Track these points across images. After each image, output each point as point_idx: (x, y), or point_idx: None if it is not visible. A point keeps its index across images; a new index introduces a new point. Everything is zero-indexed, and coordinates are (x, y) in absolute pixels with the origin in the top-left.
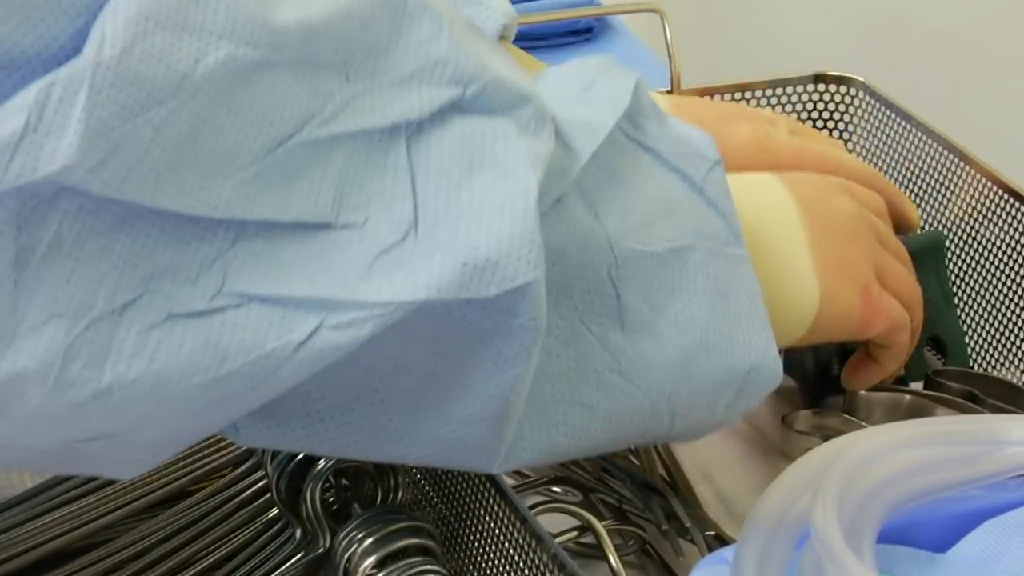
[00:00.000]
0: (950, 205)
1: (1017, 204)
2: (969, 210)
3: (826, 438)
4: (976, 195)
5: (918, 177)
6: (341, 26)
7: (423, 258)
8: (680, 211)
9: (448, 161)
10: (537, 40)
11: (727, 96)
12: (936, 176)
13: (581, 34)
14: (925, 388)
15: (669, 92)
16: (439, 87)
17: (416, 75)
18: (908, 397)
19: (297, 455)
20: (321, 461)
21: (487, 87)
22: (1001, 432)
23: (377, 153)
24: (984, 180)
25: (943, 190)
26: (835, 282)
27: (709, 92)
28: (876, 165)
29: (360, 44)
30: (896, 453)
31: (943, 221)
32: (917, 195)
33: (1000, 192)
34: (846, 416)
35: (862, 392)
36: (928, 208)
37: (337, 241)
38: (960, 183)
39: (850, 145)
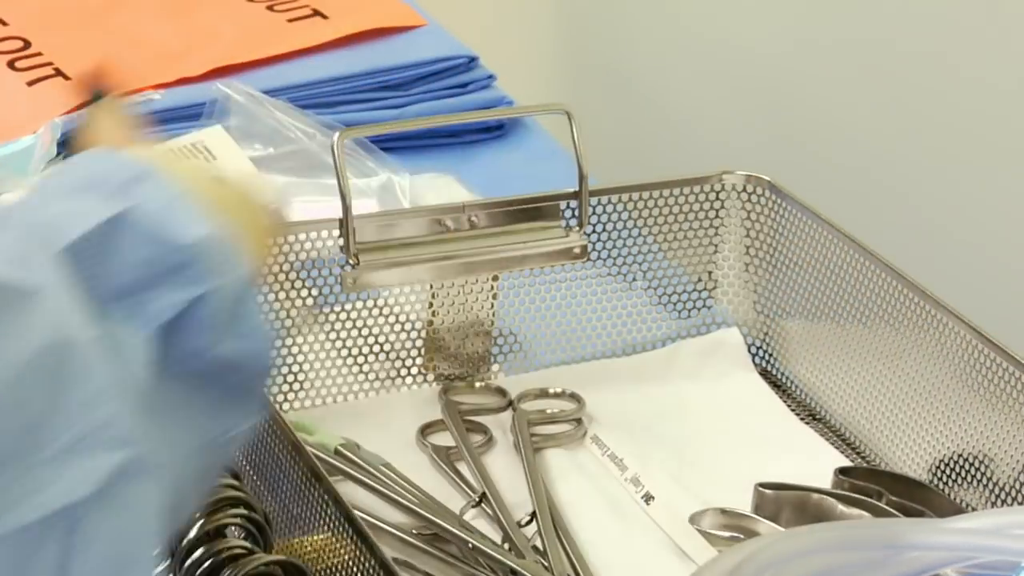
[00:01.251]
0: (853, 301)
1: (916, 299)
2: (871, 305)
3: (733, 539)
4: (877, 290)
5: (821, 274)
6: None
7: None
8: None
9: (98, 565)
10: (449, 137)
11: (635, 195)
12: (839, 272)
13: (493, 131)
14: (832, 486)
15: (577, 192)
16: (101, 454)
17: (78, 443)
18: (815, 496)
19: None
20: None
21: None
22: (903, 536)
23: (22, 554)
24: (885, 276)
25: (846, 286)
26: None
27: (616, 191)
28: (782, 262)
29: (12, 428)
30: (803, 558)
31: (846, 316)
32: (821, 291)
33: (900, 287)
34: (754, 516)
35: (769, 491)
36: (831, 303)
37: None
38: (863, 279)
39: (757, 243)
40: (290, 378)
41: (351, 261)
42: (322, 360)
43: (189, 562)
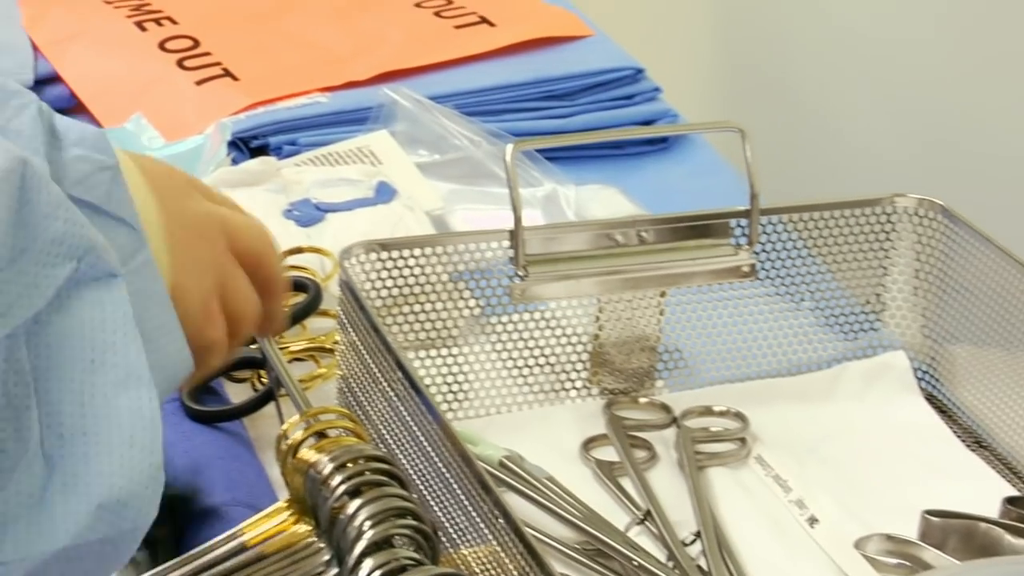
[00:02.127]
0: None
1: None
2: None
3: (899, 566)
4: None
5: (992, 299)
6: None
7: (58, 500)
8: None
9: (71, 364)
10: (614, 149)
11: (805, 215)
12: (1011, 299)
13: (657, 144)
14: (1000, 515)
15: (748, 211)
16: (61, 264)
17: (42, 254)
18: (983, 525)
19: None
20: None
21: (98, 258)
22: None
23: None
24: None
25: (1017, 313)
26: (184, 273)
27: (787, 211)
28: (952, 286)
29: None
30: None
31: (1016, 343)
32: (991, 317)
33: None
34: (920, 543)
35: (936, 519)
36: (1001, 329)
37: None
38: None
39: (927, 266)
40: (455, 388)
41: (520, 273)
42: (487, 371)
43: (359, 573)
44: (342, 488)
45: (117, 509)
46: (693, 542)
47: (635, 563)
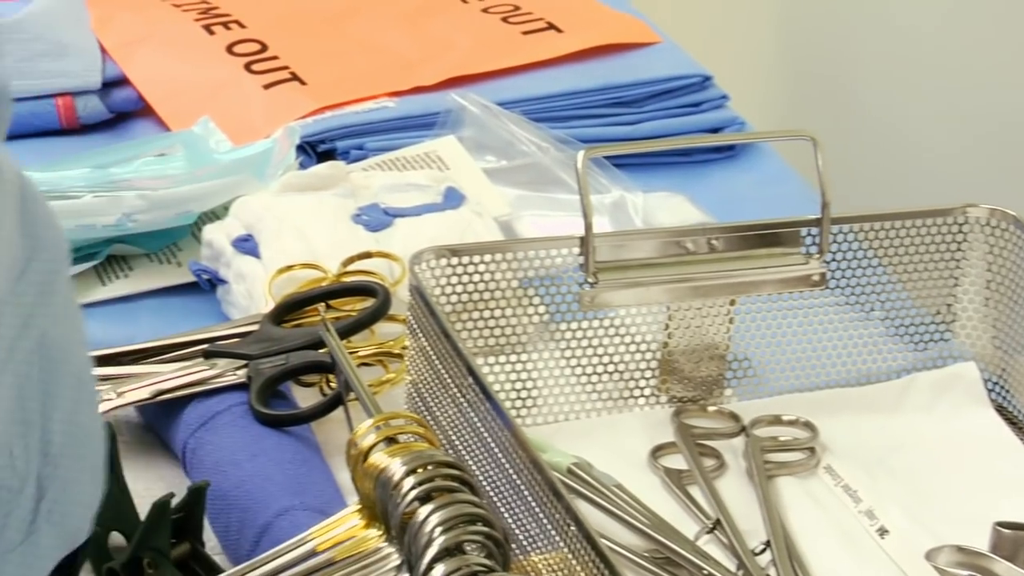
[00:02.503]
0: None
1: None
2: None
3: None
4: None
5: None
6: None
7: (44, 529)
8: None
9: (64, 378)
10: (680, 156)
11: (876, 225)
12: None
13: (724, 151)
14: None
15: (819, 220)
16: (59, 271)
17: (40, 264)
18: None
19: None
20: None
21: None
22: None
23: None
24: None
25: None
26: None
27: (857, 220)
28: (1021, 301)
29: None
30: None
31: None
32: None
33: None
34: (992, 555)
35: (1007, 531)
36: None
37: None
38: None
39: (999, 277)
40: (524, 394)
41: (590, 280)
42: (556, 378)
43: None
44: (413, 493)
45: (73, 543)
46: (763, 551)
47: (705, 572)
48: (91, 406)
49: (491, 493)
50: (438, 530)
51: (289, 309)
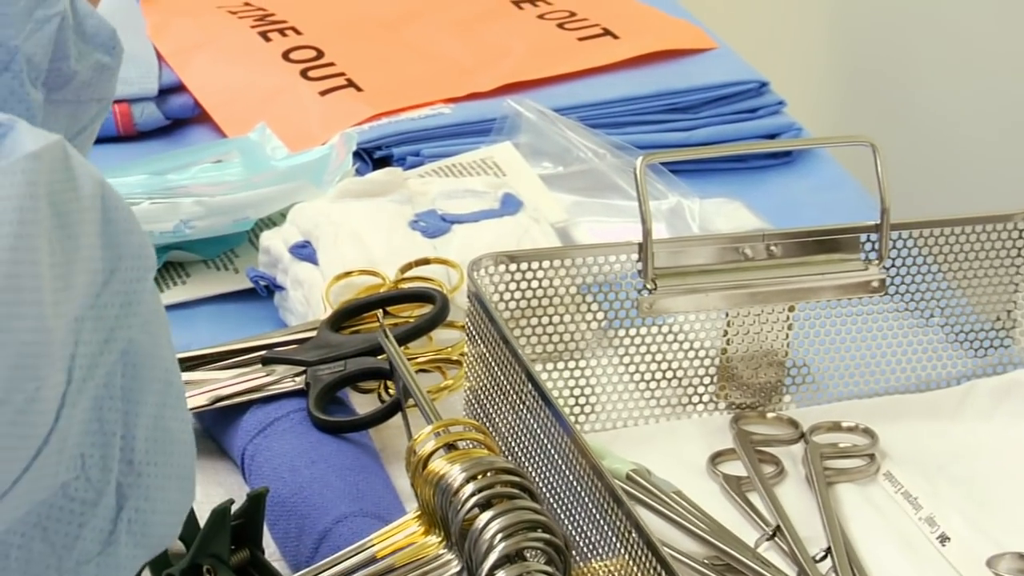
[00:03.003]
0: None
1: None
2: None
3: None
4: None
5: None
6: None
7: (124, 540)
8: None
9: (150, 385)
10: (737, 162)
11: (935, 231)
12: None
13: (780, 157)
14: None
15: (878, 225)
16: (142, 280)
17: (122, 274)
18: None
19: None
20: None
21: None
22: None
23: None
24: None
25: None
26: None
27: (917, 226)
28: None
29: None
30: None
31: None
32: None
33: None
34: None
35: None
36: None
37: None
38: None
39: None
40: (582, 400)
41: (648, 286)
42: (614, 384)
43: None
44: (473, 500)
45: (156, 551)
46: (823, 558)
47: None
48: (178, 411)
49: (551, 500)
50: (499, 536)
51: (347, 315)
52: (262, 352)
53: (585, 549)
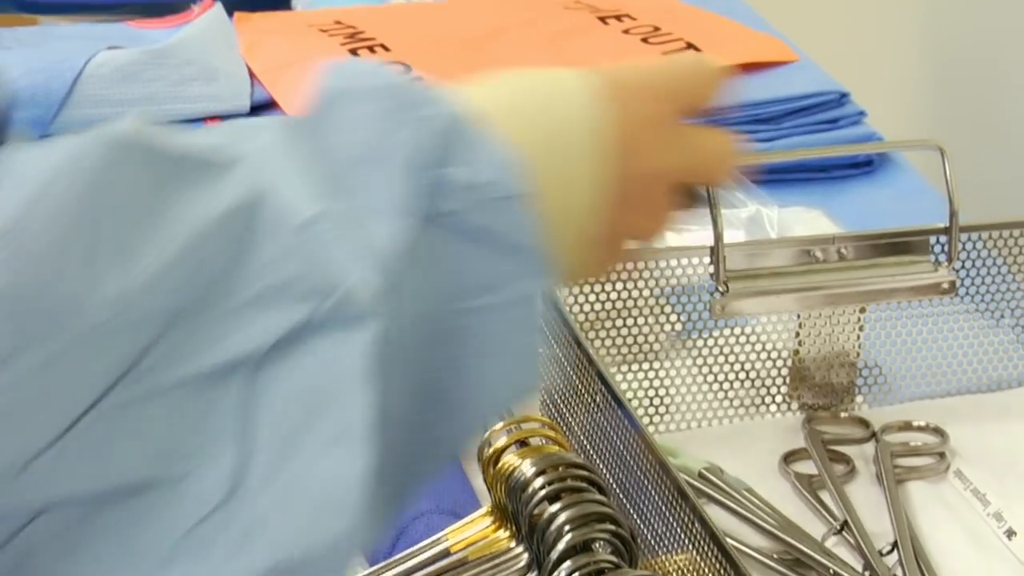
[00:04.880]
0: None
1: None
2: None
3: None
4: None
5: None
6: (168, 281)
7: (234, 543)
8: None
9: (286, 406)
10: (817, 172)
11: (1005, 232)
12: None
13: (862, 167)
14: None
15: (947, 228)
16: (287, 308)
17: (260, 298)
18: None
19: None
20: None
21: (341, 301)
22: None
23: (203, 401)
24: None
25: None
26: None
27: (987, 228)
28: None
29: (194, 284)
30: None
31: None
32: None
33: None
34: None
35: None
36: None
37: (151, 508)
38: None
39: None
40: (656, 401)
41: (720, 288)
42: (688, 385)
43: (558, 574)
44: (542, 493)
45: (293, 568)
46: (890, 552)
47: (832, 572)
48: (321, 445)
49: (621, 495)
50: (567, 528)
51: None
52: None
53: (653, 543)
